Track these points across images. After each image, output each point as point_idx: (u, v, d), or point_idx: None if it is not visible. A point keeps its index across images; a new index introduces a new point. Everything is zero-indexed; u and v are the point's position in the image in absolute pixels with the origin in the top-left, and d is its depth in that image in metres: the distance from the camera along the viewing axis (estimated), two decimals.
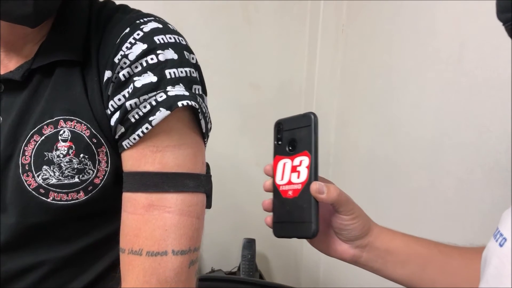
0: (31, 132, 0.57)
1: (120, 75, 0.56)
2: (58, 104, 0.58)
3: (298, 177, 0.61)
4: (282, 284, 1.18)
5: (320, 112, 1.59)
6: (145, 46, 0.56)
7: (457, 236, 0.99)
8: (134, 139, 0.56)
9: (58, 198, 0.56)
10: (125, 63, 0.56)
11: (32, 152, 0.56)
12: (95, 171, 0.58)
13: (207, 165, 0.62)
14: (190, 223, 0.57)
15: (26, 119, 0.58)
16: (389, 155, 1.28)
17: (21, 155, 0.56)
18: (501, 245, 0.46)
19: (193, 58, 0.61)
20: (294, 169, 0.62)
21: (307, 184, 0.59)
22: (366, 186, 1.41)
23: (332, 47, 1.57)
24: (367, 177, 1.41)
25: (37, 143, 0.56)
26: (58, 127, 0.57)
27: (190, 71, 0.59)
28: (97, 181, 0.58)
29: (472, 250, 0.64)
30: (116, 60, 0.57)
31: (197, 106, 0.56)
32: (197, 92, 0.59)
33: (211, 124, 0.64)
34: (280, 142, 0.65)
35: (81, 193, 0.57)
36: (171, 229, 0.55)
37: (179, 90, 0.56)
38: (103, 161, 0.58)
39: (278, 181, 0.64)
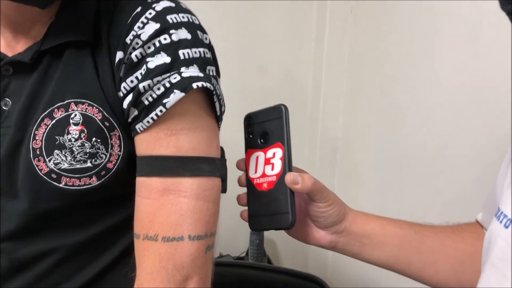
0: (42, 116, 0.55)
1: (133, 56, 0.54)
2: (68, 86, 0.56)
3: (272, 169, 0.62)
4: (290, 268, 1.18)
5: (329, 95, 1.59)
6: (157, 25, 0.54)
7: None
8: (148, 122, 0.54)
9: (71, 183, 0.55)
10: (137, 43, 0.54)
11: (43, 136, 0.55)
12: (108, 155, 0.56)
13: (222, 149, 0.61)
14: (206, 208, 0.55)
15: (36, 102, 0.56)
16: (399, 140, 1.26)
17: (31, 139, 0.55)
18: (506, 226, 0.46)
19: (206, 38, 0.59)
20: (267, 161, 0.63)
21: (281, 176, 0.61)
22: (375, 171, 1.39)
23: (340, 29, 1.54)
24: (376, 162, 1.39)
25: (48, 127, 0.55)
26: (69, 110, 0.55)
27: (204, 51, 0.57)
28: (110, 165, 0.56)
29: (447, 229, 0.66)
30: (128, 40, 0.55)
31: (212, 88, 0.55)
32: (211, 73, 0.58)
33: (224, 107, 0.62)
34: (251, 136, 0.66)
35: (94, 178, 0.56)
36: (187, 214, 0.54)
37: (193, 71, 0.55)
38: (116, 145, 0.57)
39: (251, 174, 0.65)
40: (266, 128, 0.63)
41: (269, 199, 0.62)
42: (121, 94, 0.56)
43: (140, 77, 0.54)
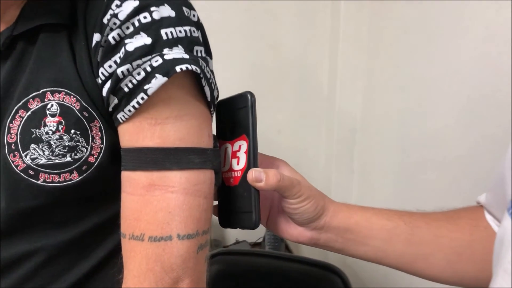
0: (16, 107, 0.51)
1: (110, 37, 0.49)
2: (43, 74, 0.51)
3: (238, 163, 0.57)
4: (307, 257, 1.13)
5: (346, 73, 1.51)
6: (136, 3, 0.49)
7: None
8: (129, 111, 0.49)
9: (50, 180, 0.50)
10: (114, 23, 0.49)
11: (18, 129, 0.50)
12: (89, 148, 0.52)
13: (215, 138, 0.55)
14: (197, 204, 0.50)
15: (11, 92, 0.52)
16: (420, 119, 1.19)
17: (6, 133, 0.50)
18: None
19: (194, 15, 0.53)
20: (234, 154, 0.58)
21: (245, 171, 0.55)
22: (395, 153, 1.32)
23: (357, 2, 1.45)
24: (397, 142, 1.31)
25: (23, 119, 0.50)
26: (45, 100, 0.51)
27: (190, 30, 0.51)
28: (91, 159, 0.52)
29: (442, 217, 0.61)
30: (105, 20, 0.49)
31: (198, 71, 0.49)
32: (199, 54, 0.52)
33: (217, 91, 0.56)
34: (222, 125, 0.60)
35: (75, 174, 0.51)
36: (175, 211, 0.49)
37: (178, 52, 0.49)
38: (97, 137, 0.52)
39: (222, 168, 0.59)
40: (234, 118, 0.57)
41: (234, 195, 0.57)
42: (100, 81, 0.50)
43: (118, 61, 0.49)
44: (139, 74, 0.48)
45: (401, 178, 1.31)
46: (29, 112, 0.50)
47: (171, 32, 0.49)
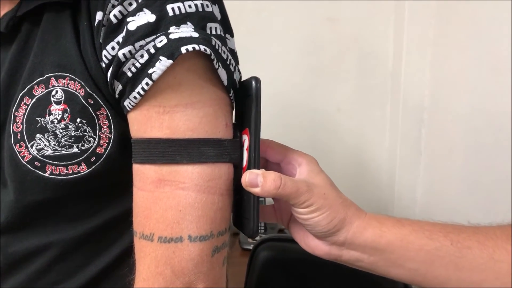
0: (21, 94, 0.48)
1: (111, 16, 0.44)
2: (48, 58, 0.47)
3: (242, 160, 0.49)
4: None
5: (413, 46, 1.37)
6: None
7: None
8: (135, 98, 0.44)
9: (57, 172, 0.47)
10: (116, 0, 0.43)
11: (23, 118, 0.47)
12: (97, 138, 0.48)
13: (234, 127, 0.49)
14: (211, 202, 0.45)
15: (17, 78, 0.49)
16: (497, 96, 1.04)
17: (12, 122, 0.48)
18: None
19: None
20: (241, 149, 0.49)
21: (246, 171, 0.47)
22: (468, 133, 1.18)
23: None
24: (469, 122, 1.17)
25: (28, 107, 0.47)
26: (50, 86, 0.47)
27: (202, 4, 0.44)
28: (100, 150, 0.48)
29: (501, 234, 0.48)
30: None
31: (208, 51, 0.43)
32: (213, 32, 0.45)
33: (239, 73, 0.50)
34: (236, 113, 0.52)
35: (83, 166, 0.48)
36: (186, 209, 0.44)
37: (186, 30, 0.43)
38: (105, 127, 0.48)
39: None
40: (242, 106, 0.50)
41: (240, 195, 0.50)
42: (103, 65, 0.46)
43: (121, 42, 0.43)
44: (142, 56, 0.42)
45: (474, 161, 1.17)
46: (34, 99, 0.47)
47: (179, 7, 0.43)
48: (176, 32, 0.42)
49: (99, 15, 0.45)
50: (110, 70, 0.44)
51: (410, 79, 1.37)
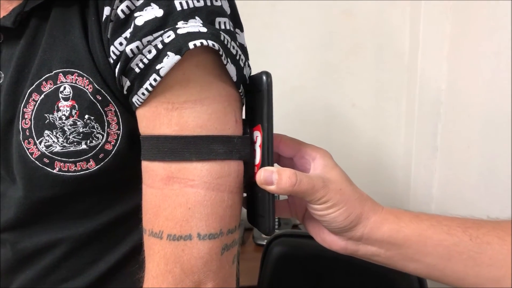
0: (29, 90, 0.47)
1: (119, 11, 0.43)
2: (56, 53, 0.47)
3: (255, 157, 0.48)
4: None
5: (429, 38, 1.34)
6: None
7: None
8: (143, 94, 0.43)
9: (65, 169, 0.47)
10: None
11: (32, 114, 0.47)
12: (105, 135, 0.47)
13: (244, 123, 0.48)
14: (220, 200, 0.44)
15: (25, 73, 0.49)
16: None
17: (20, 118, 0.47)
18: None
19: None
20: (253, 146, 0.48)
21: (260, 168, 0.47)
22: (485, 129, 1.16)
23: None
24: (487, 117, 1.15)
25: (37, 104, 0.47)
26: (58, 82, 0.47)
27: None
28: (108, 147, 0.47)
29: None
30: None
31: (216, 47, 0.42)
32: (222, 26, 0.44)
33: (249, 68, 0.49)
34: (247, 109, 0.50)
35: (92, 162, 0.47)
36: (196, 207, 0.43)
37: (194, 25, 0.42)
38: (113, 123, 0.47)
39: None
40: (253, 102, 0.49)
41: (254, 193, 0.49)
42: (111, 61, 0.45)
43: (129, 38, 0.43)
44: (150, 52, 0.42)
45: (491, 157, 1.14)
46: (42, 96, 0.47)
47: (187, 2, 0.42)
48: (184, 27, 0.41)
49: (106, 10, 0.44)
50: (118, 66, 0.44)
51: (426, 73, 1.35)
